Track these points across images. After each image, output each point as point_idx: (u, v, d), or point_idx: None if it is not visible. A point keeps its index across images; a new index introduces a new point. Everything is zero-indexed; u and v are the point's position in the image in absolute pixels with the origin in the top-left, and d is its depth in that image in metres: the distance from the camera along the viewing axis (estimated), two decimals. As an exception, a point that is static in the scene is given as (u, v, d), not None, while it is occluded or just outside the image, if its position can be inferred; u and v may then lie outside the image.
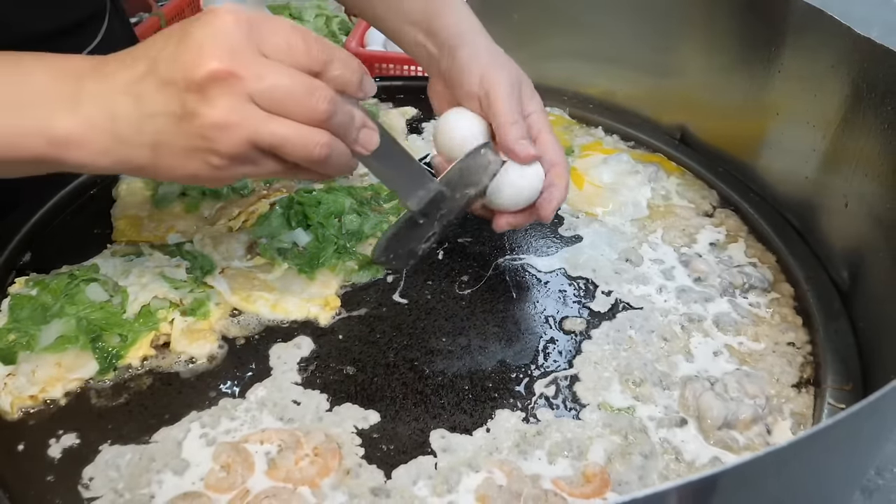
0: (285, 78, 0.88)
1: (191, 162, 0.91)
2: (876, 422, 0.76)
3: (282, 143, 0.90)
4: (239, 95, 0.86)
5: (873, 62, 1.15)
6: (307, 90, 0.90)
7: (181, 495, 0.95)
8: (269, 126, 0.89)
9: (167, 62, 0.87)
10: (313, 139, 0.91)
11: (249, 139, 0.88)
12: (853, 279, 1.21)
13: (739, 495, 0.66)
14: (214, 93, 0.86)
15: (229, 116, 0.86)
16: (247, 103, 0.87)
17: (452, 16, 1.27)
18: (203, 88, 0.85)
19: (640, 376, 1.11)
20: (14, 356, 1.08)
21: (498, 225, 1.20)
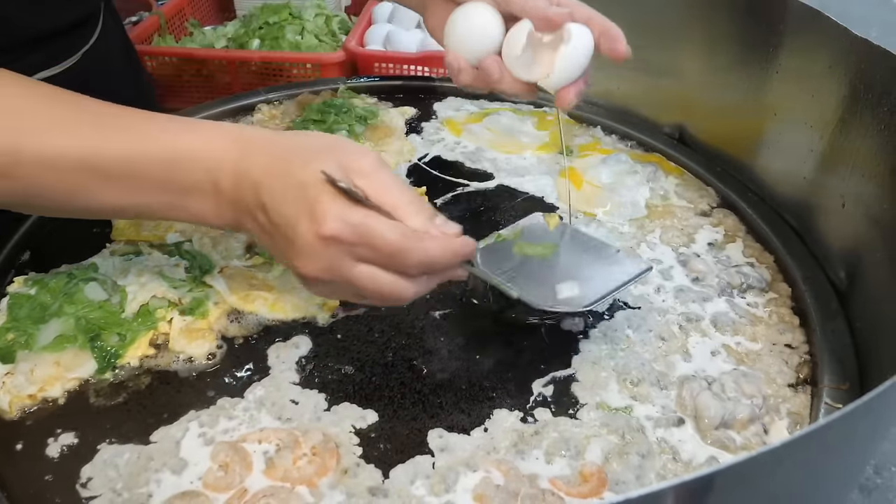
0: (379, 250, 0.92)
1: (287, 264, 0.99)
2: (871, 421, 0.76)
3: (370, 294, 0.95)
4: (343, 252, 0.92)
5: (870, 63, 1.15)
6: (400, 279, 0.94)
7: (179, 494, 0.95)
8: (354, 271, 0.93)
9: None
10: (411, 291, 0.96)
11: (342, 288, 0.97)
12: (850, 279, 1.22)
13: (736, 494, 0.66)
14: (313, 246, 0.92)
15: (316, 273, 0.94)
16: (346, 258, 0.92)
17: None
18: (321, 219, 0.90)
19: (638, 376, 1.11)
20: (13, 355, 1.09)
21: (568, 99, 1.21)
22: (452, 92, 1.82)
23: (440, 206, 1.46)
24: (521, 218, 1.32)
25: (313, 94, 1.72)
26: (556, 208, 1.45)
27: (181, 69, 2.44)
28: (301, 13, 2.72)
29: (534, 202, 1.48)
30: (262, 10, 2.71)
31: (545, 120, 1.71)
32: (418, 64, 2.24)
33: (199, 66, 2.44)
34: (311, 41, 2.64)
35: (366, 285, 0.93)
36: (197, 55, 2.45)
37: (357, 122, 1.61)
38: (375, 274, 0.93)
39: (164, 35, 2.65)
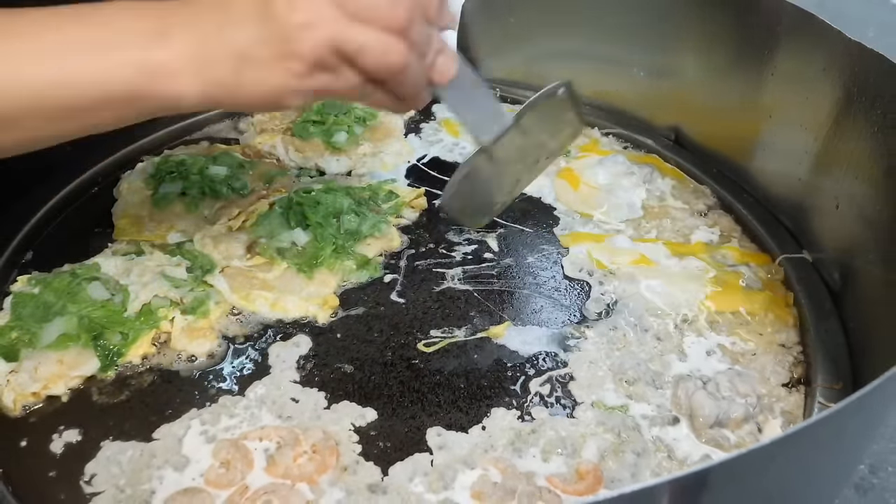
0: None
1: (273, 72, 0.91)
2: (863, 418, 0.77)
3: (361, 48, 0.90)
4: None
5: (864, 66, 1.16)
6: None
7: (181, 491, 0.96)
8: (350, 30, 0.90)
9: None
10: (392, 46, 0.91)
11: (331, 41, 0.89)
12: (844, 280, 1.22)
13: (729, 490, 0.67)
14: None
15: (313, 16, 0.88)
16: (332, 6, 0.89)
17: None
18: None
19: (634, 375, 1.12)
20: (17, 353, 1.10)
21: None
22: (451, 93, 1.82)
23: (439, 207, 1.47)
24: (520, 218, 1.34)
25: (313, 95, 1.73)
26: (554, 209, 1.47)
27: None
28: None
29: (531, 203, 1.49)
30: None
31: (543, 121, 1.71)
32: (417, 65, 2.25)
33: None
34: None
35: (367, 46, 0.91)
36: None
37: (356, 123, 1.62)
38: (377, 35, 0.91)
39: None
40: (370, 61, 0.92)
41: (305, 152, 1.57)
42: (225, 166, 1.46)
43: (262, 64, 0.91)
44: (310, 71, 0.91)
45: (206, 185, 1.41)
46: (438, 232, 1.40)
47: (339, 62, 0.92)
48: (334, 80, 0.94)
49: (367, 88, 0.97)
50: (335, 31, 0.89)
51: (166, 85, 0.92)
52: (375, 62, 0.92)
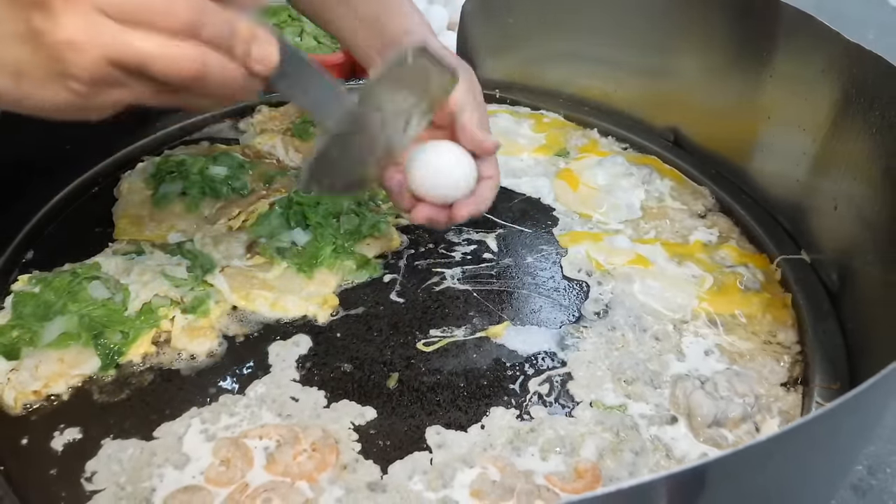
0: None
1: (53, 89, 0.80)
2: (858, 417, 0.77)
3: (144, 60, 0.78)
4: (86, 8, 0.75)
5: (862, 67, 1.16)
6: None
7: (182, 489, 0.97)
8: (125, 41, 0.77)
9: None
10: (180, 52, 0.79)
11: (106, 57, 0.77)
12: (842, 281, 1.23)
13: (725, 487, 0.68)
14: (58, 6, 0.75)
15: (77, 33, 0.75)
16: (97, 16, 0.76)
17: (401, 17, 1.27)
18: (46, 3, 0.75)
19: (632, 375, 1.13)
20: (18, 352, 1.10)
21: (416, 215, 1.18)
22: (450, 94, 1.83)
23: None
24: (519, 219, 1.35)
25: (313, 96, 1.73)
26: (553, 209, 1.47)
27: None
28: (300, 15, 2.73)
29: (530, 203, 1.49)
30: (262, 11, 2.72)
31: (542, 122, 1.72)
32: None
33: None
34: (311, 43, 2.64)
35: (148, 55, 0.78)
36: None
37: (356, 124, 1.62)
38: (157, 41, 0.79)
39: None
40: (159, 71, 0.80)
41: (305, 153, 1.58)
42: (225, 166, 1.46)
43: (41, 82, 0.80)
44: (93, 89, 0.80)
45: (207, 184, 1.41)
46: (438, 232, 1.40)
47: (125, 76, 0.80)
48: (128, 92, 0.83)
49: (173, 96, 0.86)
50: (107, 46, 0.77)
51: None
52: (165, 72, 0.80)
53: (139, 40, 0.77)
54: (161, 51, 0.78)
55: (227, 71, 0.84)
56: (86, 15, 0.75)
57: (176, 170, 1.43)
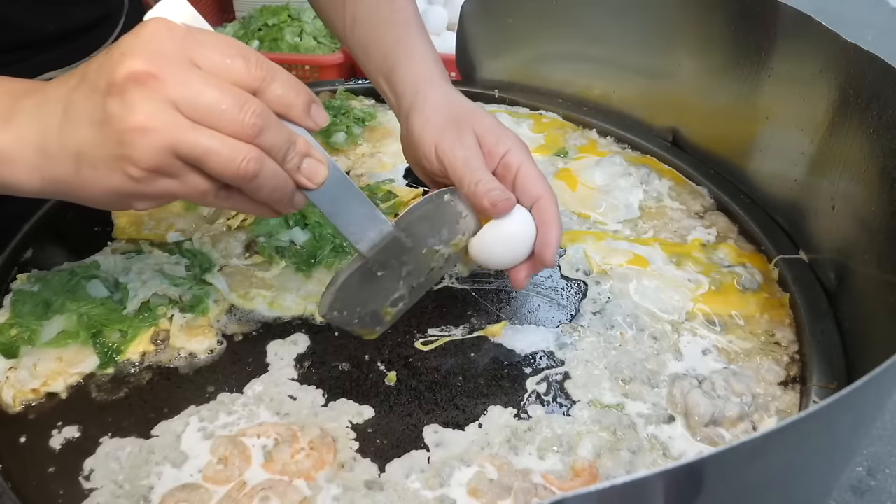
0: (213, 88, 0.82)
1: (111, 175, 0.84)
2: (854, 414, 0.78)
3: (205, 154, 0.82)
4: (161, 100, 0.80)
5: (860, 68, 1.16)
6: (236, 102, 0.83)
7: (180, 487, 0.97)
8: (191, 134, 0.81)
9: (95, 70, 0.83)
10: (240, 152, 0.83)
11: (169, 146, 0.81)
12: (840, 280, 1.23)
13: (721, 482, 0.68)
14: (135, 96, 0.79)
15: (148, 121, 0.79)
16: (170, 109, 0.80)
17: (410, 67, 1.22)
18: (123, 91, 0.80)
19: (630, 374, 1.13)
20: (16, 350, 1.10)
21: (518, 283, 1.13)
22: (449, 94, 1.83)
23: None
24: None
25: (312, 96, 1.73)
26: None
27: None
28: (300, 15, 2.74)
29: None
30: (262, 11, 2.72)
31: (541, 122, 1.73)
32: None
33: (198, 67, 2.44)
34: (310, 43, 2.65)
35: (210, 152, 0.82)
36: (196, 56, 2.45)
37: (355, 124, 1.63)
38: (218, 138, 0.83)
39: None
40: (215, 167, 0.83)
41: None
42: (224, 166, 1.46)
43: (99, 166, 0.84)
44: (149, 176, 0.83)
45: (206, 184, 1.41)
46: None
47: (182, 167, 0.84)
48: (180, 185, 0.85)
49: (222, 193, 0.89)
50: (173, 136, 0.81)
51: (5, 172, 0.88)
52: (221, 168, 0.84)
53: (204, 137, 0.81)
54: (222, 147, 0.82)
55: (278, 178, 0.88)
56: (160, 106, 0.79)
57: (175, 169, 1.43)
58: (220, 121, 0.82)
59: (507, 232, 1.08)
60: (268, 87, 0.86)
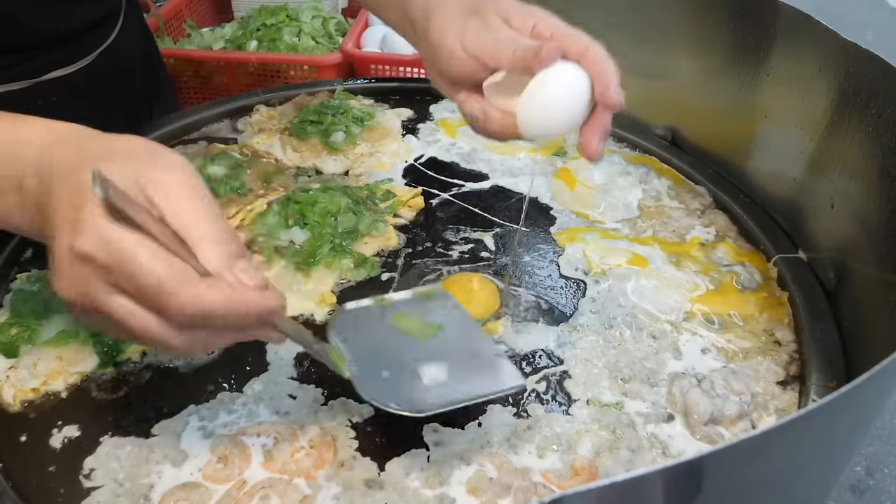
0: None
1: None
2: (853, 413, 0.78)
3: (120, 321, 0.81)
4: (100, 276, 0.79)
5: (859, 66, 1.17)
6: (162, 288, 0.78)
7: (180, 486, 0.97)
8: (108, 300, 0.80)
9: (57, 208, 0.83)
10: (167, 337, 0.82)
11: (85, 302, 0.81)
12: (839, 280, 1.23)
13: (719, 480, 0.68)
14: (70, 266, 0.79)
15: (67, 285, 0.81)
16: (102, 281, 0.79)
17: None
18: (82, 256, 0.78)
19: (629, 373, 1.13)
20: (16, 350, 1.11)
21: (592, 150, 1.06)
22: (448, 94, 1.84)
23: (435, 207, 1.49)
24: (516, 218, 1.35)
25: (310, 96, 1.73)
26: (551, 208, 1.48)
27: (179, 71, 2.44)
28: (298, 15, 2.73)
29: (528, 202, 1.49)
30: (260, 11, 2.72)
31: (540, 122, 1.72)
32: (414, 66, 2.25)
33: (196, 67, 2.44)
34: (309, 43, 2.65)
35: (125, 321, 0.80)
36: (195, 56, 2.45)
37: (354, 123, 1.63)
38: (134, 311, 0.80)
39: (162, 37, 2.65)
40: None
41: (303, 152, 1.58)
42: (223, 166, 1.46)
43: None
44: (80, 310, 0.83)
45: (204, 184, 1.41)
46: (435, 231, 1.41)
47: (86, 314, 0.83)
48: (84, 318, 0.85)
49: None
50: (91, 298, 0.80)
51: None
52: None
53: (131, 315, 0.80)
54: (155, 330, 0.80)
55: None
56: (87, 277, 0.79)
57: (174, 169, 1.43)
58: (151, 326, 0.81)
59: (562, 83, 1.01)
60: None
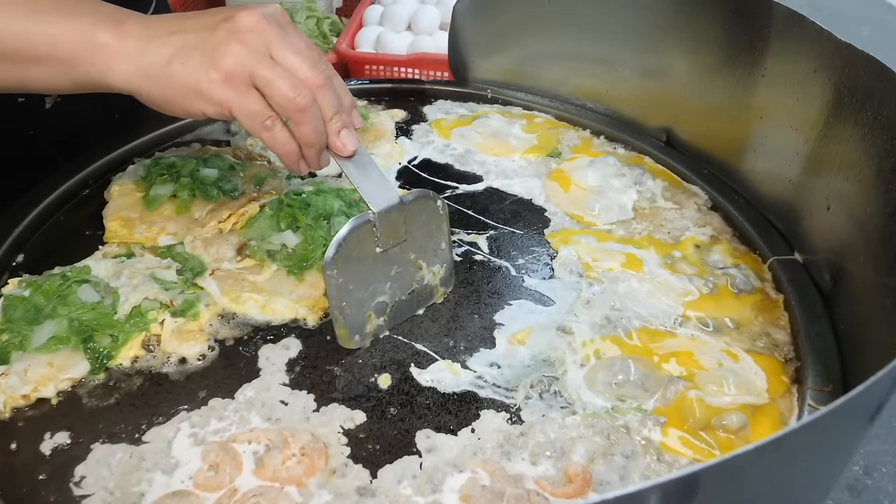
0: (301, 54, 1.12)
1: (195, 72, 1.10)
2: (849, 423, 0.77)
3: (271, 81, 1.09)
4: (259, 38, 1.10)
5: (854, 67, 1.16)
6: (313, 60, 1.13)
7: (170, 494, 0.96)
8: (269, 66, 1.10)
9: (209, 13, 1.16)
10: (301, 88, 1.10)
11: (249, 67, 1.09)
12: (835, 282, 1.23)
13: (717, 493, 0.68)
14: (242, 25, 1.11)
15: (243, 48, 1.09)
16: (263, 46, 1.10)
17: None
18: (236, 21, 1.11)
19: (624, 378, 1.12)
20: (7, 356, 1.10)
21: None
22: (442, 95, 1.84)
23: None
24: (510, 220, 1.35)
25: (305, 97, 1.73)
26: (545, 210, 1.47)
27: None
28: (292, 15, 2.72)
29: (522, 204, 1.49)
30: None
31: (533, 123, 1.72)
32: (408, 66, 2.25)
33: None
34: (304, 42, 2.64)
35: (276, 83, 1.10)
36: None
37: (348, 125, 1.62)
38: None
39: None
40: (276, 93, 1.10)
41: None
42: (216, 168, 1.46)
43: (189, 63, 1.11)
44: (222, 82, 1.10)
45: (197, 187, 1.41)
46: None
47: (248, 87, 1.11)
48: (241, 99, 1.11)
49: (269, 121, 1.13)
50: (256, 63, 1.10)
51: (102, 59, 1.12)
52: (280, 95, 1.10)
53: (277, 72, 1.10)
54: (289, 80, 1.10)
55: (318, 124, 1.15)
56: (258, 43, 1.11)
57: (167, 172, 1.43)
58: (296, 69, 1.11)
59: None
60: (332, 78, 1.17)
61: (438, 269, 1.25)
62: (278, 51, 1.11)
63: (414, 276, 1.22)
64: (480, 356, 1.17)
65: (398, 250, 1.17)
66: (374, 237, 1.13)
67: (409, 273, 1.21)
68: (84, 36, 1.12)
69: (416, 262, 1.21)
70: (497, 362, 1.16)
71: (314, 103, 1.12)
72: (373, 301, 1.17)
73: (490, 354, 1.18)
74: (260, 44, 1.10)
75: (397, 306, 1.21)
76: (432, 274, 1.24)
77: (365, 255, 1.14)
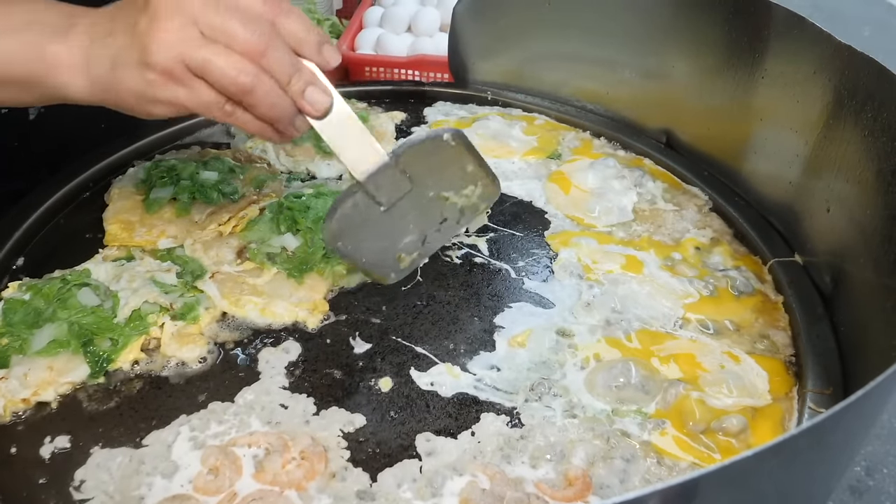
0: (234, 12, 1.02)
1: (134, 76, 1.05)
2: (849, 427, 0.77)
3: (206, 64, 1.01)
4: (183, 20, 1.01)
5: (854, 69, 1.16)
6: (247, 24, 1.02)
7: (170, 497, 0.96)
8: (200, 49, 1.01)
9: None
10: (239, 66, 1.02)
11: (179, 55, 1.01)
12: (835, 284, 1.23)
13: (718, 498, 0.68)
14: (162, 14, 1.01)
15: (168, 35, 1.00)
16: (190, 26, 1.01)
17: None
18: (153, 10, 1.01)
19: (624, 380, 1.12)
20: (7, 360, 1.10)
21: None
22: (442, 97, 1.84)
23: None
24: (510, 222, 1.35)
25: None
26: (545, 212, 1.47)
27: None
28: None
29: (522, 206, 1.49)
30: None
31: (533, 125, 1.72)
32: (409, 68, 2.24)
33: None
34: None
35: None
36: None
37: (348, 127, 1.62)
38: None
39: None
40: (217, 77, 1.02)
41: (296, 157, 1.57)
42: (216, 171, 1.46)
43: (127, 67, 1.05)
44: (163, 81, 1.04)
45: (197, 189, 1.41)
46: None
47: (190, 77, 1.03)
48: (188, 93, 1.05)
49: (227, 107, 1.07)
50: (186, 48, 1.01)
51: (57, 75, 1.09)
52: (222, 78, 1.02)
53: (212, 51, 1.01)
54: (226, 61, 1.01)
55: (274, 96, 1.05)
56: (181, 23, 1.01)
57: (167, 175, 1.43)
58: (230, 38, 1.01)
59: None
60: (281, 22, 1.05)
61: (472, 189, 1.22)
62: (205, 22, 1.01)
63: (441, 207, 1.20)
64: (480, 359, 1.17)
65: (409, 198, 1.15)
66: (371, 200, 1.12)
67: (434, 208, 1.19)
68: (34, 52, 1.09)
69: (440, 196, 1.19)
70: (497, 365, 1.16)
71: (261, 76, 1.03)
72: (399, 244, 1.18)
73: (490, 357, 1.17)
74: (182, 23, 1.01)
75: (429, 237, 1.21)
76: (465, 197, 1.22)
77: (369, 218, 1.13)
